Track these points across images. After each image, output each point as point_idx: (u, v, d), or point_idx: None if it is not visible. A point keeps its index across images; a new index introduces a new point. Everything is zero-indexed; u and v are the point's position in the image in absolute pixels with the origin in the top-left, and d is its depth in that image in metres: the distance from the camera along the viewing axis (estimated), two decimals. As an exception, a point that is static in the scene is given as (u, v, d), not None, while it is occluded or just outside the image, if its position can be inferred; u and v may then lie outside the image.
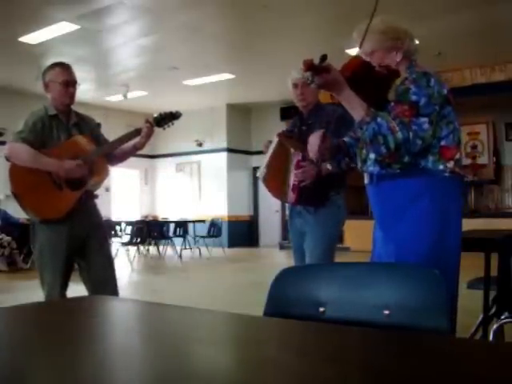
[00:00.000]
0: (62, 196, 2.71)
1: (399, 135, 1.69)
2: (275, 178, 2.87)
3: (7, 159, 2.68)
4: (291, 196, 2.76)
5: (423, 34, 1.91)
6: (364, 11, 1.85)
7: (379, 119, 1.70)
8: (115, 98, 11.10)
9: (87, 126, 2.87)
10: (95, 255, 2.82)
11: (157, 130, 2.88)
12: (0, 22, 6.86)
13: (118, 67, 9.30)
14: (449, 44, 7.77)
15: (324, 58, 1.64)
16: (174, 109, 2.97)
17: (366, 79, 1.79)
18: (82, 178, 2.71)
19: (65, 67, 2.76)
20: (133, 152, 2.93)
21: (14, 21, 6.82)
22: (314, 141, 2.10)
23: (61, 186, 2.70)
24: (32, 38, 7.51)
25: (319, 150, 2.07)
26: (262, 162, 2.97)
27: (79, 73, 2.92)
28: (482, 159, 11.07)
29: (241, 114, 12.92)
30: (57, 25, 6.99)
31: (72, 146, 2.76)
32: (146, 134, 2.80)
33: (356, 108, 1.73)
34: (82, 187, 2.74)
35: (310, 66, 1.63)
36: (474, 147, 11.07)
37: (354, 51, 2.09)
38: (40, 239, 2.72)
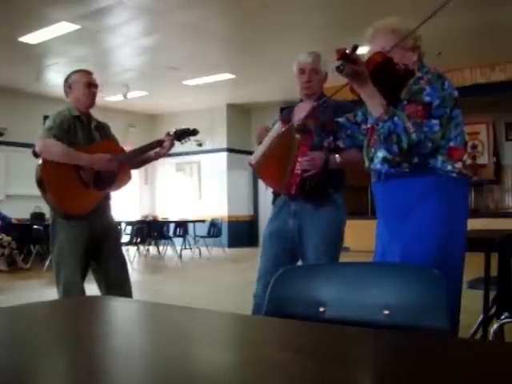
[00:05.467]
0: (88, 194, 2.78)
1: (413, 136, 1.71)
2: (272, 165, 2.62)
3: (36, 155, 2.70)
4: (290, 186, 2.50)
5: (423, 34, 1.92)
6: (364, 11, 1.85)
7: (396, 119, 1.72)
8: (115, 98, 11.10)
9: (104, 130, 2.99)
10: (111, 256, 2.89)
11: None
12: (0, 22, 6.86)
13: (117, 67, 9.30)
14: (449, 44, 7.76)
15: (355, 48, 1.66)
16: (185, 122, 3.12)
17: (386, 76, 1.80)
18: (113, 172, 2.82)
19: (87, 71, 2.92)
20: (151, 161, 3.11)
21: (13, 21, 6.82)
22: (303, 107, 2.16)
23: (88, 184, 2.77)
24: (32, 38, 7.50)
25: (304, 118, 2.13)
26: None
27: (79, 73, 2.95)
28: (482, 159, 11.07)
29: (241, 114, 12.91)
30: (57, 25, 6.99)
31: (101, 148, 2.85)
32: (168, 147, 3.00)
33: (375, 104, 1.75)
34: (107, 188, 2.85)
35: (343, 55, 1.65)
36: (474, 147, 11.06)
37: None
38: (60, 236, 2.75)
